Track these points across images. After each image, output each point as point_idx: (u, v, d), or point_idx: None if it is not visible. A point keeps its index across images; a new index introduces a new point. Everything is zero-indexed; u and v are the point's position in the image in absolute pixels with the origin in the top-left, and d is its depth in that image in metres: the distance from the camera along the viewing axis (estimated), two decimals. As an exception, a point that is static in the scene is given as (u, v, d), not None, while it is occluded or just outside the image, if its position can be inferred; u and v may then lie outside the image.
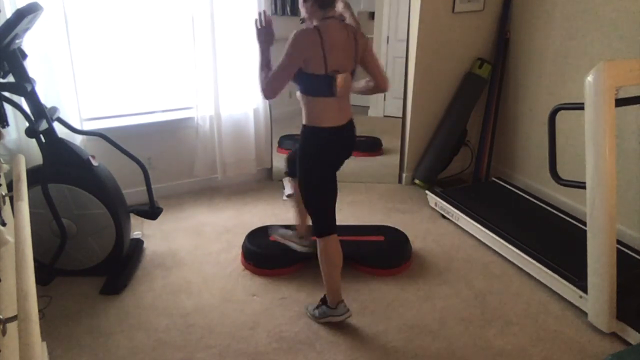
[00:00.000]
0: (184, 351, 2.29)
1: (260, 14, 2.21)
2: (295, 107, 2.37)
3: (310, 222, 2.46)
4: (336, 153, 2.33)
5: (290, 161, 2.65)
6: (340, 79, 2.16)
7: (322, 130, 2.22)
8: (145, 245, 3.08)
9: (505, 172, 3.96)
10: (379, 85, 2.36)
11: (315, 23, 2.15)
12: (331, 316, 2.44)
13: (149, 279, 2.79)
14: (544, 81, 3.53)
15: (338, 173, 2.37)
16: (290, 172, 2.63)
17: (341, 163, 2.38)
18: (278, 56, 2.13)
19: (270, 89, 2.13)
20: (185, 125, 3.59)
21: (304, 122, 2.26)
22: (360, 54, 2.24)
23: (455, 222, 3.33)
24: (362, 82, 2.40)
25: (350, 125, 2.31)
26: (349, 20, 2.33)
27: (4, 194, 1.50)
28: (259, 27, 2.21)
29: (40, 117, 2.50)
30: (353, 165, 2.84)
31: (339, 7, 2.32)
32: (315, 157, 2.27)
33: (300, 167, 2.30)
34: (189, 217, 3.42)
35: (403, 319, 2.51)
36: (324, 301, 2.47)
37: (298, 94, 2.25)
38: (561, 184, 2.54)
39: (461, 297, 2.68)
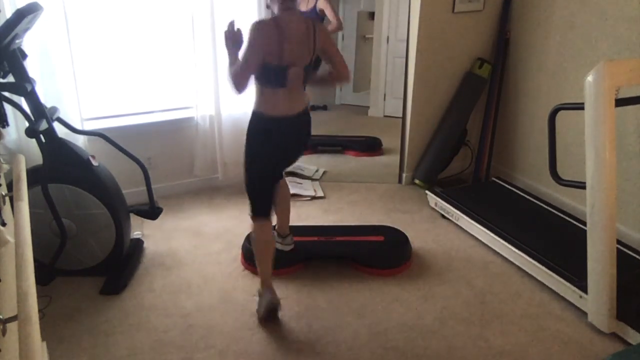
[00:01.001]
0: (184, 351, 2.29)
1: (230, 24, 2.26)
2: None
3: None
4: (283, 142, 2.35)
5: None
6: (292, 72, 2.21)
7: (269, 119, 2.28)
8: (145, 245, 3.08)
9: (505, 172, 3.96)
10: (339, 73, 2.37)
11: (276, 11, 2.21)
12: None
13: (149, 279, 2.79)
14: (544, 81, 3.53)
15: (339, 173, 2.39)
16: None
17: (293, 152, 2.44)
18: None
19: (238, 82, 2.16)
20: (185, 125, 3.59)
21: (253, 107, 2.32)
22: (319, 47, 2.28)
23: (455, 222, 3.33)
24: (324, 71, 2.43)
25: (301, 116, 2.35)
26: (329, 15, 2.36)
27: (4, 194, 1.50)
28: (228, 33, 2.25)
29: (40, 117, 2.50)
30: (353, 165, 2.84)
31: (320, 3, 2.36)
32: (260, 144, 2.33)
33: (246, 151, 2.37)
34: (189, 217, 3.42)
35: (403, 319, 2.51)
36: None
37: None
38: (561, 184, 2.54)
39: (461, 297, 2.68)
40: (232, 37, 2.25)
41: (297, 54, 2.20)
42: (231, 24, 2.26)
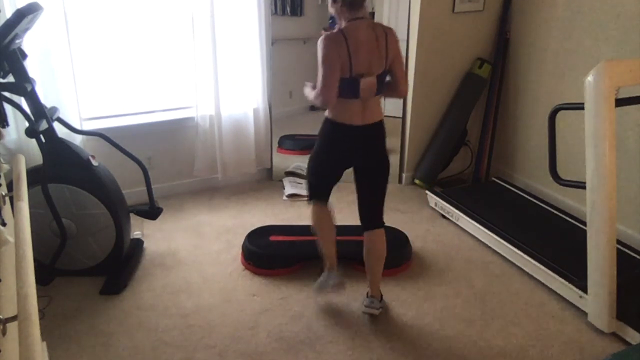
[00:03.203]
0: (184, 351, 2.29)
1: None
2: (295, 107, 2.38)
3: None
4: (346, 149, 2.34)
5: None
6: (363, 82, 2.16)
7: (337, 125, 2.28)
8: (145, 245, 3.08)
9: (505, 172, 3.96)
10: (397, 89, 2.31)
11: (343, 23, 2.17)
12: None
13: (149, 279, 2.79)
14: (544, 81, 3.53)
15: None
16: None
17: (361, 161, 2.37)
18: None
19: (327, 98, 2.17)
20: (185, 125, 3.59)
21: (325, 114, 2.33)
22: (391, 55, 2.21)
23: (455, 222, 3.33)
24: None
25: (373, 126, 2.28)
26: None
27: (4, 194, 1.50)
28: None
29: (40, 117, 2.50)
30: (353, 165, 2.84)
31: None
32: (324, 146, 2.37)
33: (314, 148, 2.43)
34: (189, 217, 3.42)
35: (403, 319, 2.51)
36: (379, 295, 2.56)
37: None
38: (561, 184, 2.54)
39: (461, 297, 2.68)
40: None
41: (367, 64, 2.15)
42: None
